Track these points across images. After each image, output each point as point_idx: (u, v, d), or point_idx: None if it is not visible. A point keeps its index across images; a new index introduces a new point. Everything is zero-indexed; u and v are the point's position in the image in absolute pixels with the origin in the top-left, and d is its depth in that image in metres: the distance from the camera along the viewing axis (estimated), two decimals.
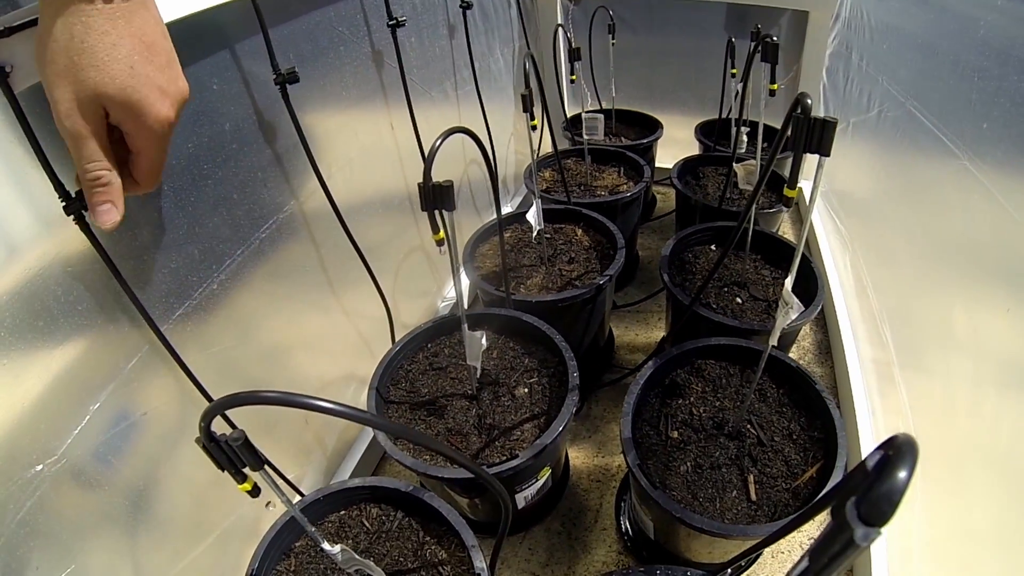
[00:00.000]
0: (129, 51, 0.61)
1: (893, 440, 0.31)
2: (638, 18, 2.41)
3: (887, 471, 0.29)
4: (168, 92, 0.66)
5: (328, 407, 0.53)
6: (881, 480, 0.28)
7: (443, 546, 0.99)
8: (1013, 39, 0.98)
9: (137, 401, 0.88)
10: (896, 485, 0.28)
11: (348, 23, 1.27)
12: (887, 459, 0.30)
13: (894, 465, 0.29)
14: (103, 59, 0.59)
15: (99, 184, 0.65)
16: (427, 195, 0.85)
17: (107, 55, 0.59)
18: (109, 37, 0.59)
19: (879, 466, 0.30)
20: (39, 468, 0.73)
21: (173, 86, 0.67)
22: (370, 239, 1.42)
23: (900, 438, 0.30)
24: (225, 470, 0.64)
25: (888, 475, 0.28)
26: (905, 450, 0.29)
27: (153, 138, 0.66)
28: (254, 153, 1.05)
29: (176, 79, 0.68)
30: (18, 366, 0.71)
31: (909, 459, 0.29)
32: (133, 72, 0.61)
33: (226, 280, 1.03)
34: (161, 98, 0.65)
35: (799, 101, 0.75)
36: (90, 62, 0.58)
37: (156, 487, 0.93)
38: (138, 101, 0.62)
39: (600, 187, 1.99)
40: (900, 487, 0.28)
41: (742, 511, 1.04)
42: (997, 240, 0.98)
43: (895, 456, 0.29)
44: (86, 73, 0.58)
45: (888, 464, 0.29)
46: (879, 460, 0.30)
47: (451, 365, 1.29)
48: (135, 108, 0.62)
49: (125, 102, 0.61)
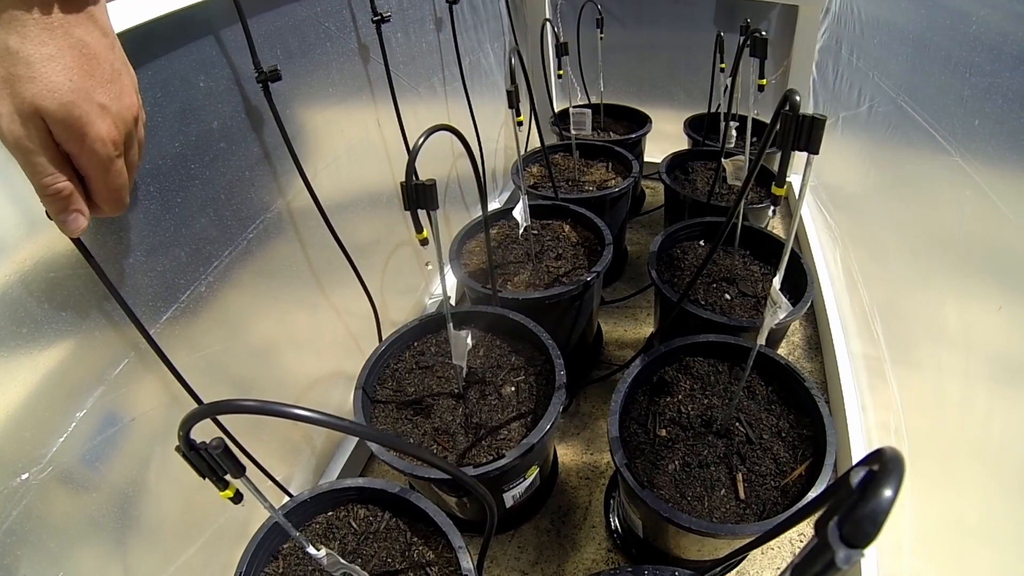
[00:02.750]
0: (68, 64, 0.57)
1: (879, 454, 0.30)
2: (627, 12, 2.40)
3: (871, 489, 0.28)
4: (109, 110, 0.61)
5: (306, 415, 0.51)
6: (865, 499, 0.27)
7: (431, 547, 0.99)
8: (1006, 35, 0.98)
9: (125, 406, 0.86)
10: (880, 505, 0.27)
11: (334, 19, 1.25)
12: (872, 476, 0.29)
13: (879, 483, 0.28)
14: (40, 71, 0.55)
15: (59, 196, 0.61)
16: (409, 195, 0.84)
17: (44, 67, 0.55)
18: (46, 48, 0.55)
19: (863, 483, 0.29)
20: (25, 477, 0.72)
21: (117, 103, 0.62)
22: (358, 236, 1.41)
23: (887, 453, 0.29)
24: (206, 477, 0.63)
25: (872, 494, 0.27)
26: (891, 467, 0.28)
27: (96, 160, 0.61)
28: (242, 152, 1.04)
29: (121, 95, 0.63)
30: (1, 374, 0.69)
31: (895, 477, 0.28)
32: (72, 86, 0.57)
33: (214, 282, 1.01)
34: (102, 115, 0.60)
35: (787, 98, 0.74)
36: (27, 73, 0.54)
37: (145, 491, 0.91)
38: (78, 118, 0.57)
39: (588, 182, 1.98)
40: (884, 507, 0.27)
41: (731, 509, 1.03)
42: (988, 236, 0.97)
43: (880, 473, 0.28)
44: (23, 85, 0.54)
45: (873, 482, 0.28)
46: (864, 477, 0.29)
47: (437, 364, 1.28)
48: (75, 125, 0.58)
49: (65, 119, 0.57)
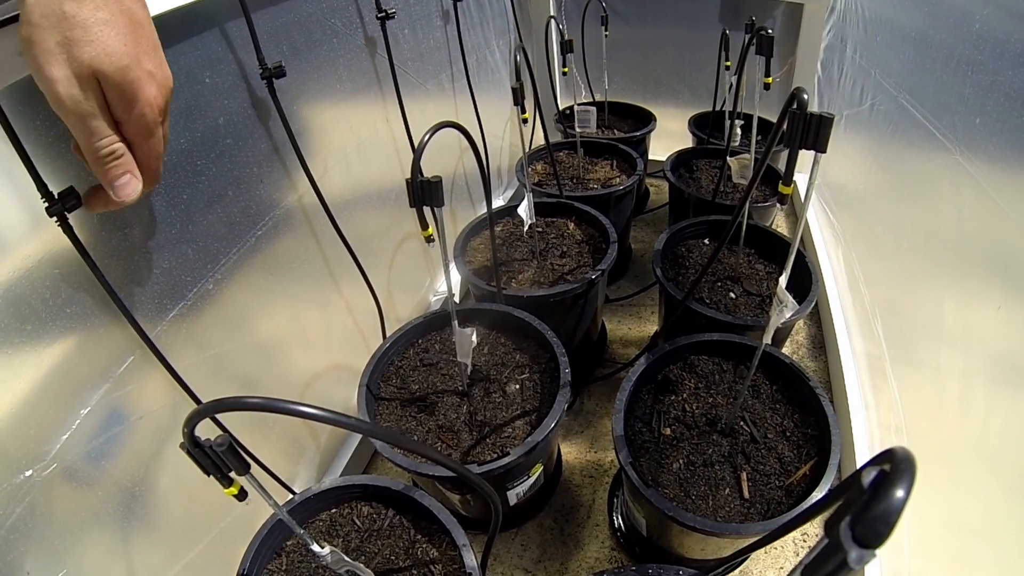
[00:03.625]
0: (121, 29, 0.58)
1: (891, 454, 0.30)
2: (631, 9, 2.39)
3: (884, 489, 0.27)
4: (155, 77, 0.63)
5: (310, 412, 0.51)
6: (877, 499, 0.27)
7: (434, 544, 0.99)
8: (1009, 33, 0.97)
9: (130, 404, 0.86)
10: (893, 505, 0.27)
11: (341, 15, 1.25)
12: (884, 476, 0.28)
13: (891, 483, 0.27)
14: (97, 35, 0.56)
15: (114, 158, 0.62)
16: (415, 191, 0.83)
17: (100, 31, 0.56)
18: (101, 13, 0.57)
19: (875, 484, 0.28)
20: (28, 473, 0.72)
21: (160, 72, 0.64)
22: (366, 232, 1.41)
23: (898, 453, 0.29)
24: (211, 475, 0.63)
25: (885, 494, 0.27)
26: (903, 467, 0.28)
27: (143, 124, 0.63)
28: (249, 148, 1.03)
29: (162, 65, 0.65)
30: (5, 371, 0.69)
31: (907, 477, 0.28)
32: (126, 51, 0.59)
33: (221, 279, 1.01)
34: (150, 81, 0.62)
35: (795, 96, 0.74)
36: (84, 37, 0.56)
37: (151, 489, 0.91)
38: (131, 82, 0.59)
39: (593, 180, 1.98)
40: (897, 507, 0.27)
41: (735, 509, 1.03)
42: (989, 236, 0.97)
43: (892, 473, 0.28)
44: (81, 49, 0.55)
45: (885, 482, 0.28)
46: (876, 477, 0.29)
47: (442, 361, 1.28)
48: (129, 89, 0.60)
49: (121, 82, 0.59)
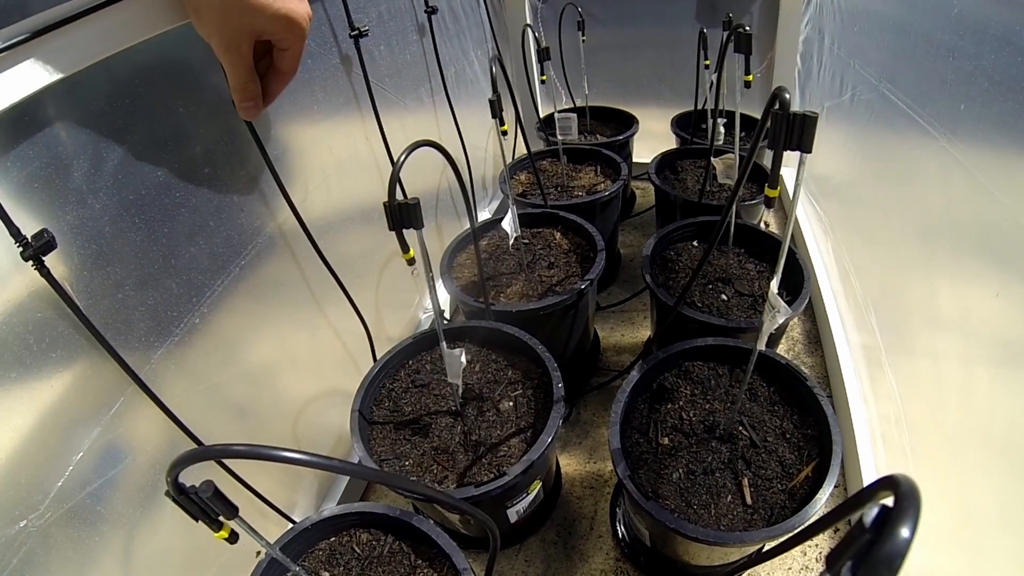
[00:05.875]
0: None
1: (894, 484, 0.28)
2: (607, 13, 2.39)
3: (887, 530, 0.26)
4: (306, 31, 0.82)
5: (295, 458, 0.50)
6: (880, 541, 0.26)
7: (435, 569, 0.97)
8: (989, 16, 0.96)
9: (124, 445, 0.85)
10: (897, 548, 0.25)
11: (314, 35, 1.23)
12: (887, 513, 0.27)
13: (895, 522, 0.26)
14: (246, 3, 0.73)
15: (247, 91, 0.84)
16: (393, 214, 0.82)
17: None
18: None
19: (878, 523, 0.27)
20: (23, 524, 0.70)
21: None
22: (351, 253, 1.39)
23: (902, 485, 0.28)
24: (199, 520, 0.62)
25: (888, 535, 0.26)
26: (907, 504, 0.26)
27: (302, 34, 0.81)
28: (228, 176, 1.02)
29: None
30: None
31: (911, 513, 0.26)
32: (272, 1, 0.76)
33: (207, 312, 0.99)
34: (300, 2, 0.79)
35: (777, 96, 0.72)
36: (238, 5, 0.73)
37: (148, 528, 0.89)
38: (286, 14, 0.77)
39: (577, 187, 1.96)
40: (901, 549, 0.25)
41: (738, 516, 1.02)
42: (979, 221, 0.96)
43: (896, 511, 0.26)
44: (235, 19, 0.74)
45: (888, 521, 0.26)
46: (878, 515, 0.27)
47: (433, 381, 1.27)
48: (286, 20, 0.77)
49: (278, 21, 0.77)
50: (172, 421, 0.89)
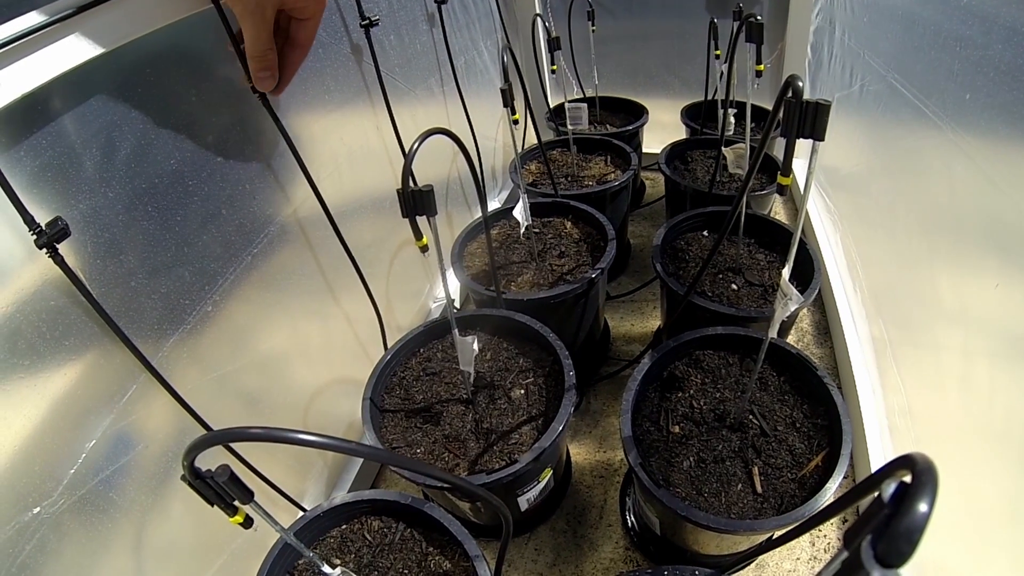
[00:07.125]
0: None
1: (911, 462, 0.29)
2: (617, 3, 2.37)
3: (906, 504, 0.26)
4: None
5: (310, 440, 0.50)
6: (899, 515, 0.26)
7: (447, 556, 0.98)
8: (998, 6, 0.95)
9: (136, 432, 0.85)
10: (916, 522, 0.25)
11: (325, 25, 1.23)
12: (905, 489, 0.27)
13: (913, 496, 0.26)
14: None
15: (265, 59, 0.87)
16: (406, 201, 0.82)
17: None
18: None
19: (896, 497, 0.27)
20: (36, 511, 0.71)
21: None
22: (362, 242, 1.40)
23: (919, 462, 0.28)
24: (214, 505, 0.62)
25: (907, 509, 0.26)
26: (924, 479, 0.26)
27: (323, 3, 0.88)
28: (240, 165, 1.02)
29: None
30: (5, 408, 0.68)
31: (930, 489, 0.26)
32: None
33: (220, 300, 1.00)
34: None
35: (790, 84, 0.72)
36: None
37: (160, 515, 0.90)
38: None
39: (587, 177, 1.96)
40: (920, 524, 0.25)
41: (748, 504, 1.02)
42: (983, 211, 0.96)
43: (914, 485, 0.27)
44: None
45: (906, 496, 0.26)
46: (896, 490, 0.28)
47: (445, 369, 1.27)
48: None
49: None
50: (184, 409, 0.90)
